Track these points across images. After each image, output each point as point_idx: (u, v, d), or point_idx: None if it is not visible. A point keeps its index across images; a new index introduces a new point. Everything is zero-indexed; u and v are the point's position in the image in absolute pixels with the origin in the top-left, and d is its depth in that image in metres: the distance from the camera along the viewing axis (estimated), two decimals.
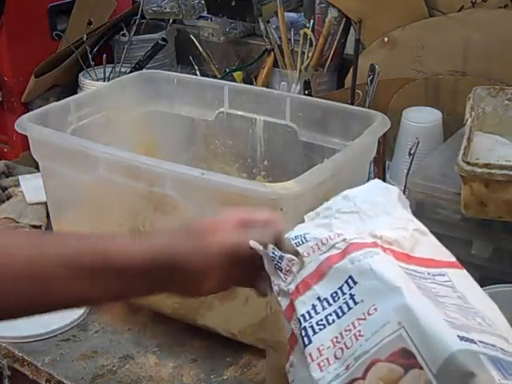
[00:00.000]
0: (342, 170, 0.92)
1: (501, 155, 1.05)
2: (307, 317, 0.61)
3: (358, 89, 1.27)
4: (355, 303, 0.59)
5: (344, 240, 0.64)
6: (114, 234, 0.73)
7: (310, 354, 0.58)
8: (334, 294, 0.61)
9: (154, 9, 1.58)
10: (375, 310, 0.57)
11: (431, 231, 0.68)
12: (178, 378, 0.92)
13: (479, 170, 0.92)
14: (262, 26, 1.47)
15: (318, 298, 0.61)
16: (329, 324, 0.59)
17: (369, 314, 0.57)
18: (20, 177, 1.33)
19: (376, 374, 0.54)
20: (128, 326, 1.01)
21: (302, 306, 0.61)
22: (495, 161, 1.00)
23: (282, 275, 0.64)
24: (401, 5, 1.34)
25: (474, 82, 1.23)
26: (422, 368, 0.52)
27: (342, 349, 0.57)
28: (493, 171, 0.91)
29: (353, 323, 0.58)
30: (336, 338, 0.58)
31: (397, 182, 1.21)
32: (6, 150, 1.56)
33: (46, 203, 1.18)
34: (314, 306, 0.61)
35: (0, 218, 1.21)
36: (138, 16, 1.57)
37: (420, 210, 1.05)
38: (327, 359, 0.57)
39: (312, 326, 0.60)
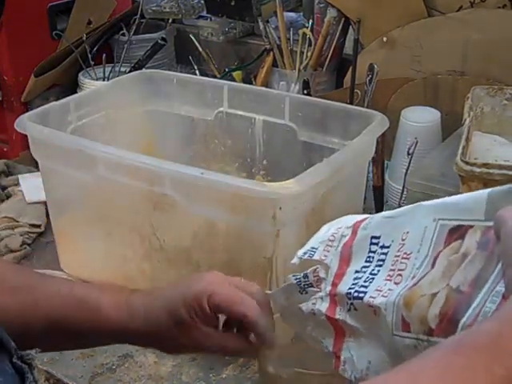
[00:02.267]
0: (341, 170, 0.92)
1: (499, 155, 1.06)
2: (353, 286, 0.62)
3: (356, 88, 1.27)
4: (388, 247, 0.62)
5: (347, 227, 0.67)
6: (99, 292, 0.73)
7: (371, 296, 0.60)
8: (368, 258, 0.63)
9: (154, 8, 1.58)
10: (407, 233, 0.60)
11: None
12: (177, 377, 0.92)
13: (478, 170, 0.92)
14: (262, 26, 1.47)
15: (356, 271, 0.64)
16: (375, 275, 0.62)
17: (403, 240, 0.60)
18: (20, 176, 1.34)
19: (442, 259, 0.56)
20: None
21: (345, 286, 0.63)
22: (493, 160, 1.00)
23: (315, 289, 0.66)
24: (400, 5, 1.34)
25: (473, 81, 1.23)
26: (472, 226, 0.55)
27: (399, 275, 0.59)
28: (491, 171, 0.91)
29: (395, 256, 0.61)
30: (388, 275, 0.60)
31: (396, 181, 1.21)
32: (5, 149, 1.56)
33: (45, 202, 1.18)
34: (355, 278, 0.63)
35: None
36: (138, 16, 1.57)
37: None
38: (389, 289, 0.59)
39: (362, 285, 0.62)
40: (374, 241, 0.63)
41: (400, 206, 1.14)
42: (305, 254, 0.68)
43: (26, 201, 1.26)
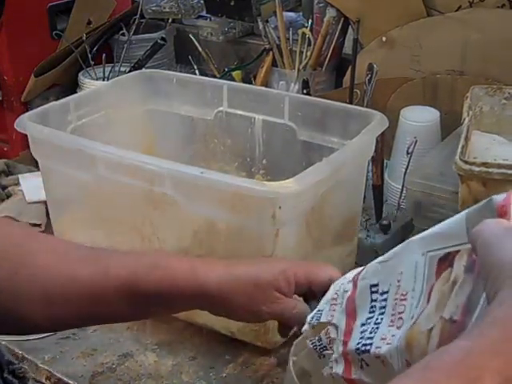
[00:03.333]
0: (341, 169, 0.92)
1: (498, 154, 1.06)
2: (361, 340, 0.61)
3: (356, 88, 1.27)
4: (387, 292, 0.61)
5: (348, 282, 0.66)
6: (168, 256, 0.76)
7: (377, 346, 0.58)
8: (371, 309, 0.62)
9: (154, 8, 1.59)
10: (401, 273, 0.59)
11: None
12: (177, 376, 0.92)
13: (477, 169, 0.92)
14: (261, 26, 1.47)
15: (362, 324, 0.62)
16: (379, 324, 0.60)
17: (398, 281, 0.60)
18: (20, 176, 1.34)
19: (435, 292, 0.55)
20: (127, 324, 1.01)
21: (354, 342, 0.61)
22: (493, 160, 1.00)
23: (330, 351, 0.65)
24: (399, 4, 1.34)
25: (472, 81, 1.23)
26: (458, 251, 0.54)
27: (400, 318, 0.58)
28: (490, 170, 0.92)
29: (394, 299, 0.60)
30: (391, 321, 0.59)
31: (395, 180, 1.21)
32: (5, 148, 1.56)
33: (45, 202, 1.18)
34: (361, 331, 0.62)
35: None
36: (138, 15, 1.58)
37: (418, 209, 1.06)
38: (392, 335, 0.58)
39: (368, 337, 0.60)
40: (374, 289, 0.62)
41: (399, 205, 1.15)
42: (312, 318, 0.67)
43: (26, 200, 1.26)
